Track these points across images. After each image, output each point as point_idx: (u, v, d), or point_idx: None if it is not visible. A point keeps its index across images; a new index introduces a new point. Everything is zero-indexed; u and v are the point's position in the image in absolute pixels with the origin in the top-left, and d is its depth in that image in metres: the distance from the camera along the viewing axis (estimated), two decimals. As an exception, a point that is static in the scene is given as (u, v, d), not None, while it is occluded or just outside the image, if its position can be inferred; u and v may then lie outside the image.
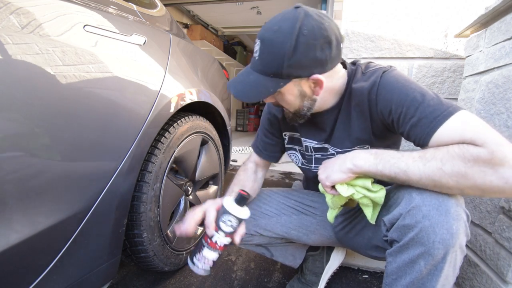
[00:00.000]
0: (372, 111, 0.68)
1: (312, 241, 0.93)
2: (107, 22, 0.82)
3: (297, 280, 1.04)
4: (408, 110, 0.59)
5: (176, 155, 1.05)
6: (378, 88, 0.65)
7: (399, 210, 0.57)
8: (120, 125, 0.80)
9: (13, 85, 0.55)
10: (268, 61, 0.62)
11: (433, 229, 0.51)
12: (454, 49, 1.17)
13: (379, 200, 0.62)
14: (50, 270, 0.64)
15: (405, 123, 0.60)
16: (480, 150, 0.47)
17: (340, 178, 0.62)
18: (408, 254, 0.55)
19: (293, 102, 0.68)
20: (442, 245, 0.51)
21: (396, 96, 0.62)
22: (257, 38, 0.64)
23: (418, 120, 0.57)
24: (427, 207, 0.52)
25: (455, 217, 0.51)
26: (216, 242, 0.62)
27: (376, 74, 0.67)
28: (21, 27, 0.58)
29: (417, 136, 0.58)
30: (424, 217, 0.52)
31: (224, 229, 0.62)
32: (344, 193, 0.62)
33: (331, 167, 0.64)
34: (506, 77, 0.77)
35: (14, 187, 0.56)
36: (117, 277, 1.10)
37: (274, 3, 4.37)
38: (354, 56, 1.29)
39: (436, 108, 0.56)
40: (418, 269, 0.53)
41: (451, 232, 0.50)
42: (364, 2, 1.26)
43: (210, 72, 1.48)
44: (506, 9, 0.79)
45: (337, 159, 0.65)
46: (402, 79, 0.64)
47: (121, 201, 0.81)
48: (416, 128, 0.58)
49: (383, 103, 0.65)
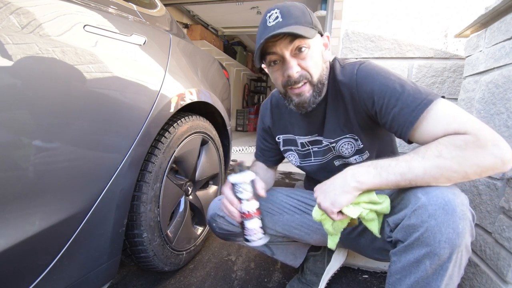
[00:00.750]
0: (355, 103, 0.70)
1: (313, 241, 0.93)
2: (107, 22, 0.82)
3: (297, 280, 1.04)
4: (390, 100, 0.61)
5: (176, 155, 1.05)
6: (357, 80, 0.68)
7: (405, 211, 0.57)
8: (120, 125, 0.80)
9: (13, 85, 0.55)
10: (297, 15, 0.66)
11: (439, 229, 0.51)
12: (454, 49, 1.17)
13: (386, 210, 0.60)
14: (50, 270, 0.64)
15: (387, 114, 0.62)
16: (466, 136, 0.52)
17: (348, 200, 0.59)
18: (413, 254, 0.54)
19: (318, 60, 0.70)
20: (448, 245, 0.50)
21: (377, 87, 0.64)
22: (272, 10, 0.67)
23: (399, 110, 0.60)
24: (433, 207, 0.52)
25: (461, 216, 0.51)
26: (248, 211, 0.68)
27: (354, 67, 0.70)
28: (21, 27, 0.58)
29: (400, 126, 0.60)
30: (430, 216, 0.52)
31: (245, 197, 0.68)
32: (353, 215, 0.58)
33: (332, 191, 0.60)
34: (506, 77, 0.77)
35: (14, 187, 0.56)
36: (117, 277, 1.10)
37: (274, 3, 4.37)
38: (354, 56, 1.29)
39: (416, 97, 0.59)
40: (424, 269, 0.53)
41: (457, 231, 0.50)
42: (364, 2, 1.26)
43: (210, 72, 1.48)
44: (506, 9, 0.79)
45: (335, 180, 0.62)
46: (381, 70, 0.67)
47: (121, 201, 0.81)
48: (398, 117, 0.60)
49: (365, 95, 0.67)
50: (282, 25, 0.64)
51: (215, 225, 0.89)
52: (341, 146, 0.78)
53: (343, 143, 0.78)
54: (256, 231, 0.69)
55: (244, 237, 0.70)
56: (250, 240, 0.70)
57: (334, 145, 0.79)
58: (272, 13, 0.66)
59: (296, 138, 0.87)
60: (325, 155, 0.83)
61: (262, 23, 0.68)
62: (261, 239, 0.70)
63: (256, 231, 0.69)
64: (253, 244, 0.70)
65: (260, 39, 0.66)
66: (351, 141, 0.77)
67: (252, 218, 0.68)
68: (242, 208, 0.68)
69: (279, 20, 0.65)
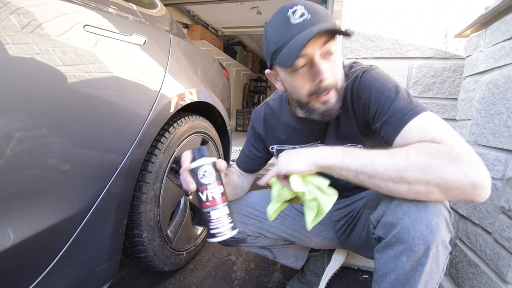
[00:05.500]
0: (355, 109, 0.70)
1: (314, 244, 0.93)
2: (107, 22, 0.82)
3: (298, 280, 1.04)
4: (383, 108, 0.62)
5: (176, 155, 1.05)
6: (358, 87, 0.68)
7: (382, 208, 0.58)
8: (120, 125, 0.80)
9: (13, 85, 0.55)
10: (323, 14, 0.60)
11: (412, 225, 0.52)
12: (454, 49, 1.17)
13: (328, 205, 0.58)
14: (50, 270, 0.64)
15: (378, 120, 0.63)
16: (440, 145, 0.50)
17: (300, 169, 0.59)
18: (392, 251, 0.55)
19: (341, 65, 0.66)
20: (422, 241, 0.51)
21: (373, 94, 0.64)
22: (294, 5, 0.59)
23: (388, 118, 0.60)
24: (406, 204, 0.53)
25: (434, 212, 0.52)
26: (213, 197, 0.59)
27: (357, 74, 0.69)
28: (21, 27, 0.58)
29: (386, 133, 0.61)
30: (404, 213, 0.53)
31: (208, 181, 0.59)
32: (295, 187, 0.58)
33: (294, 156, 0.61)
34: (506, 77, 0.77)
35: (14, 187, 0.56)
36: (117, 277, 1.10)
37: (274, 3, 4.37)
38: (354, 56, 1.29)
39: (404, 107, 0.59)
40: (401, 265, 0.54)
41: (430, 228, 0.51)
42: (364, 2, 1.26)
43: (210, 72, 1.48)
44: (506, 9, 0.79)
45: (303, 150, 0.63)
46: (380, 77, 0.66)
47: (121, 201, 0.81)
48: (386, 125, 0.61)
49: (362, 101, 0.67)
50: (313, 23, 0.57)
51: None
52: None
53: None
54: (224, 221, 0.59)
55: (210, 231, 0.59)
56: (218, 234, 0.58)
57: None
58: (297, 10, 0.58)
59: (296, 147, 0.83)
60: None
61: (283, 20, 0.59)
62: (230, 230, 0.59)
63: (224, 221, 0.59)
64: (220, 238, 0.59)
65: (292, 38, 0.57)
66: None
67: (217, 205, 0.59)
68: (208, 194, 0.59)
69: (307, 18, 0.57)
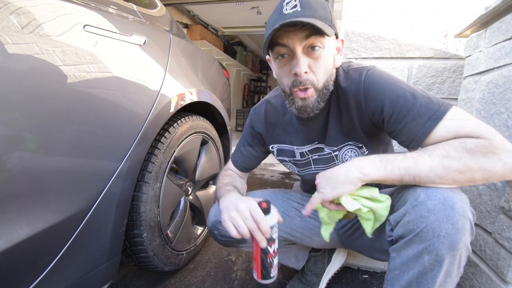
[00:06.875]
0: (360, 112, 0.68)
1: (315, 244, 0.93)
2: (107, 22, 0.82)
3: (298, 280, 1.04)
4: (401, 110, 0.60)
5: (176, 155, 1.05)
6: (364, 89, 0.66)
7: (405, 208, 0.56)
8: (120, 125, 0.80)
9: (12, 85, 0.55)
10: (318, 8, 0.60)
11: (438, 224, 0.50)
12: (454, 49, 1.17)
13: (385, 210, 0.59)
14: (50, 270, 0.64)
15: (397, 123, 0.61)
16: (479, 140, 0.52)
17: (349, 189, 0.58)
18: (412, 249, 0.54)
19: (329, 63, 0.66)
20: (447, 240, 0.50)
21: (387, 96, 0.62)
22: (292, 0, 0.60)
23: (411, 120, 0.58)
24: (432, 202, 0.52)
25: (461, 212, 0.51)
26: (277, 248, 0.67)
27: (361, 74, 0.67)
28: (21, 27, 0.58)
29: (411, 135, 0.59)
30: (429, 211, 0.52)
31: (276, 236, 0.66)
32: (350, 208, 0.57)
33: (335, 178, 0.60)
34: (506, 77, 0.77)
35: (14, 187, 0.56)
36: (117, 277, 1.10)
37: (274, 3, 4.34)
38: (354, 56, 1.29)
39: (428, 107, 0.58)
40: (422, 264, 0.53)
41: (457, 227, 0.50)
42: (364, 2, 1.25)
43: (210, 72, 1.48)
44: (506, 9, 0.79)
45: (339, 169, 0.61)
46: (389, 78, 0.65)
47: (121, 201, 0.81)
48: (409, 127, 0.59)
49: (373, 103, 0.64)
50: (300, 15, 0.58)
51: (217, 233, 0.84)
52: (344, 154, 0.76)
53: (346, 150, 0.75)
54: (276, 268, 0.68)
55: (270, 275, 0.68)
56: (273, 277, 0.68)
57: (337, 153, 0.77)
58: (291, 1, 0.60)
59: (294, 148, 0.83)
60: (327, 164, 0.80)
61: (277, 9, 0.62)
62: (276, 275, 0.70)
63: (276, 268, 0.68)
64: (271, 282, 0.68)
65: (273, 26, 0.58)
66: (354, 149, 0.75)
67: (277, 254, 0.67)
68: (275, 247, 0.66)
69: (298, 10, 0.59)
